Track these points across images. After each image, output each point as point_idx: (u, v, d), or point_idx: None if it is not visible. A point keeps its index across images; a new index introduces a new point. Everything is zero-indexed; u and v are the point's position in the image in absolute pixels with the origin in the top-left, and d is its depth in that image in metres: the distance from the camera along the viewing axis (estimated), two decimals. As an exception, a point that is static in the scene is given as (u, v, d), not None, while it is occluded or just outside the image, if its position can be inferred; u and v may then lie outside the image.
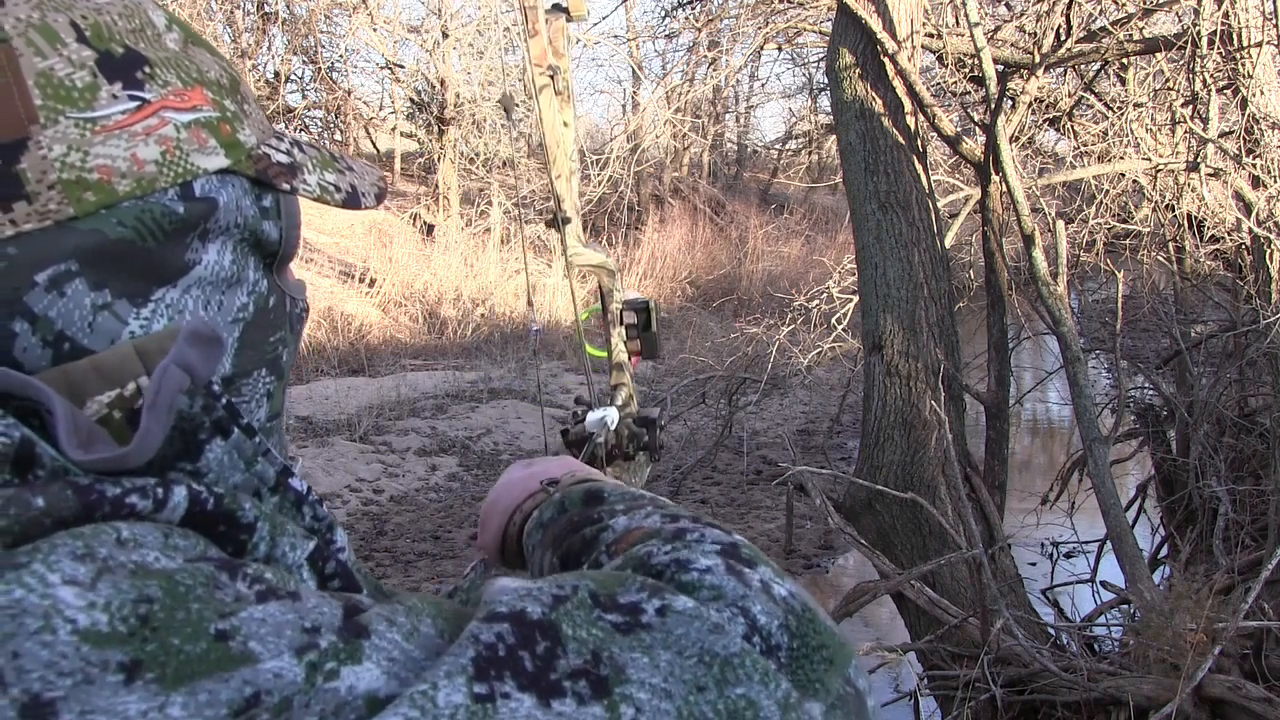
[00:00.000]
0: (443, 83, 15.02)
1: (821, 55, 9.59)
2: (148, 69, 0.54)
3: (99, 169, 0.51)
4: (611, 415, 1.15)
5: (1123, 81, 5.67)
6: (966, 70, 5.35)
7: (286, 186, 0.62)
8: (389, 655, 0.41)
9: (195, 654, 0.38)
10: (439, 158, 15.19)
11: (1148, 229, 5.71)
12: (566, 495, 0.71)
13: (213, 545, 0.47)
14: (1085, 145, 5.89)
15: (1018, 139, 5.46)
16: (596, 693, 0.41)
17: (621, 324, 1.21)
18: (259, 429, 0.64)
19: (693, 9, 10.81)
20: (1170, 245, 5.49)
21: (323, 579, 0.53)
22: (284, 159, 0.62)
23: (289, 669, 0.38)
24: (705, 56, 12.77)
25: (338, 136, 16.84)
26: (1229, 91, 4.73)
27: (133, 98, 0.53)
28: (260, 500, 0.55)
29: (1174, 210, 5.17)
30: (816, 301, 7.61)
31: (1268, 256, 4.44)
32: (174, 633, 0.38)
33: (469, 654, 0.41)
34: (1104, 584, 4.80)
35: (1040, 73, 4.70)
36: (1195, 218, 5.11)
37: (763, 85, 20.30)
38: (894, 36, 4.24)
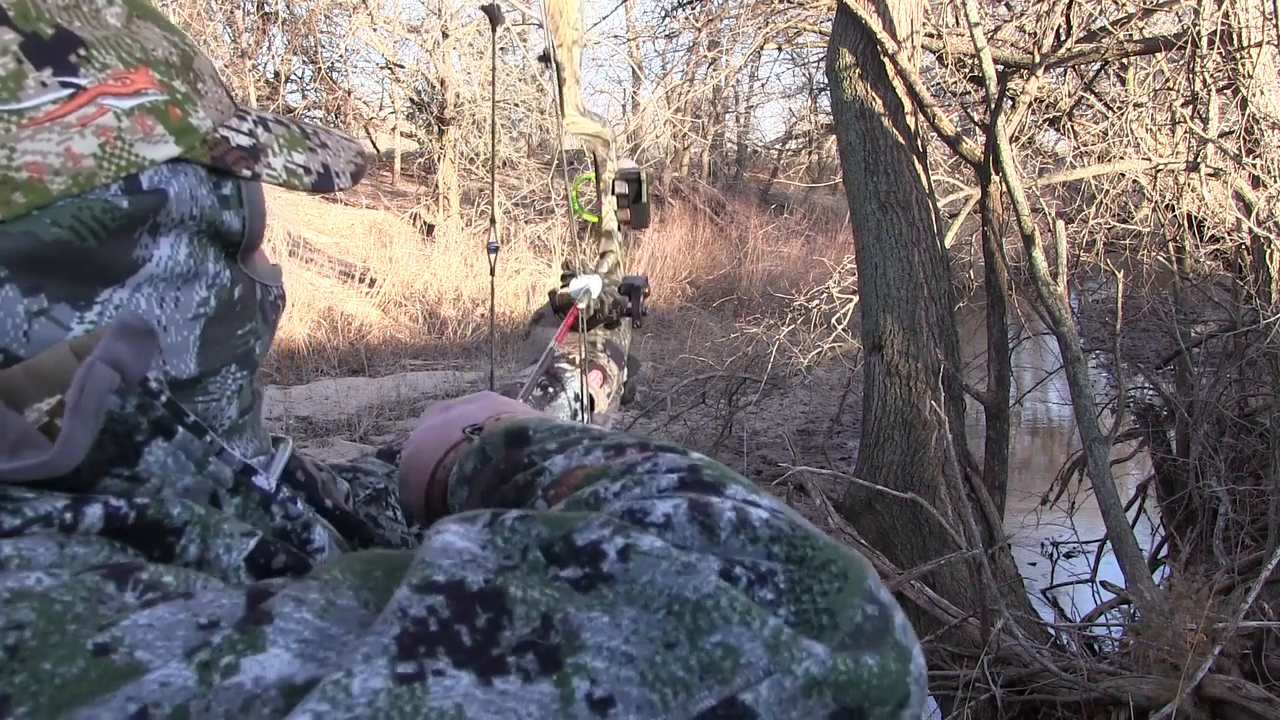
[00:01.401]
0: (443, 83, 15.01)
1: (821, 55, 9.60)
2: (83, 51, 0.49)
3: (28, 167, 0.46)
4: (595, 281, 1.16)
5: (1123, 81, 5.67)
6: (966, 70, 5.35)
7: (247, 173, 0.57)
8: (299, 637, 0.36)
9: (71, 676, 0.34)
10: (439, 158, 15.18)
11: (1148, 229, 5.71)
12: (487, 440, 0.62)
13: (120, 550, 0.44)
14: (1085, 145, 5.89)
15: (1018, 139, 5.46)
16: (545, 666, 0.36)
17: (613, 193, 1.21)
18: (230, 426, 0.60)
19: (693, 9, 10.81)
20: (1170, 245, 5.49)
21: (266, 574, 0.49)
22: (245, 141, 0.57)
23: (178, 674, 0.34)
24: (705, 56, 12.77)
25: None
26: (1229, 91, 4.72)
27: (65, 85, 0.48)
28: (220, 504, 0.51)
29: (1174, 210, 5.17)
30: (816, 301, 7.61)
31: (1268, 256, 4.44)
32: (46, 658, 0.35)
33: (392, 631, 0.36)
34: (1104, 584, 4.80)
35: (1040, 73, 4.70)
36: (1195, 218, 5.11)
37: (763, 85, 20.30)
38: (894, 36, 4.24)
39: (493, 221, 0.93)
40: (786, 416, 10.16)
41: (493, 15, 0.94)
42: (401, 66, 16.16)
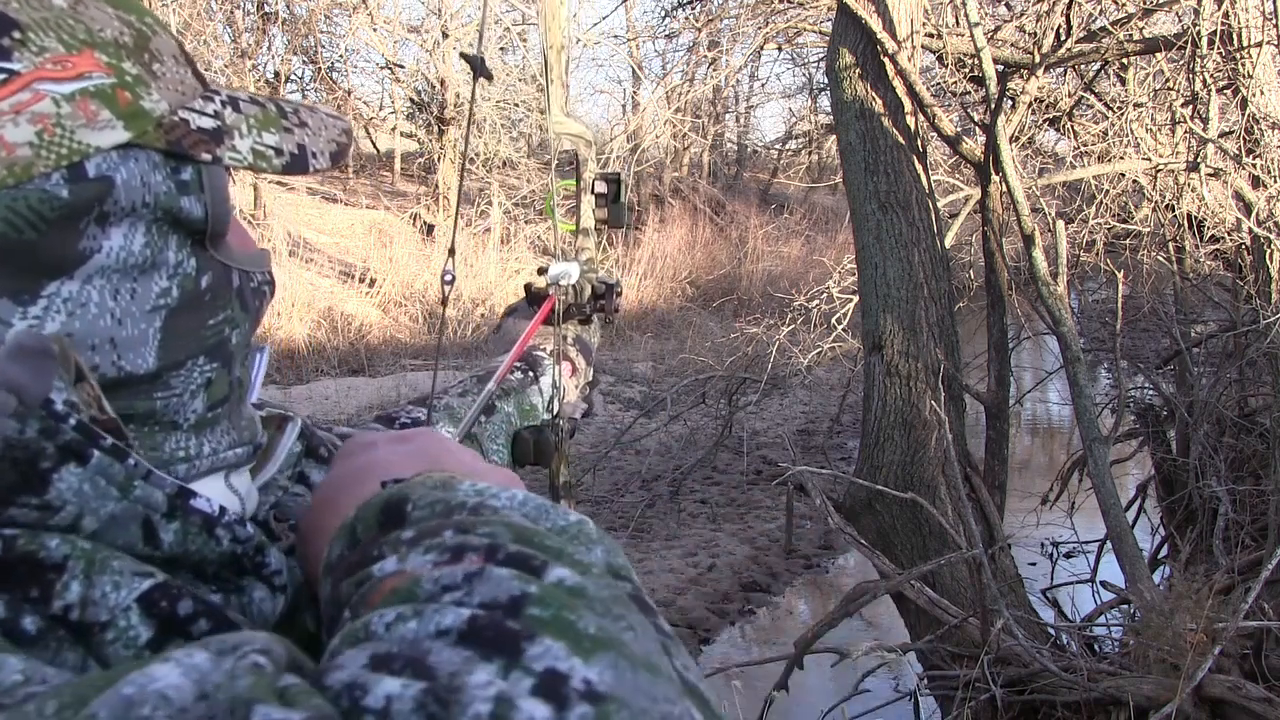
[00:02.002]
0: (443, 83, 15.01)
1: (821, 55, 9.60)
2: (17, 34, 0.47)
3: None
4: (574, 267, 1.18)
5: (1123, 81, 5.67)
6: (966, 70, 5.35)
7: (208, 156, 0.54)
8: None
9: None
10: (439, 158, 15.17)
11: (1148, 229, 5.71)
12: (359, 518, 0.50)
13: None
14: (1085, 145, 5.89)
15: (1018, 139, 5.46)
16: None
17: (593, 192, 1.24)
18: (196, 420, 0.57)
19: (693, 9, 10.81)
20: (1170, 245, 5.49)
21: (170, 622, 0.44)
22: (208, 123, 0.55)
23: None
24: (705, 56, 12.77)
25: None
26: (1229, 91, 4.72)
27: None
28: (155, 531, 0.48)
29: (1174, 210, 5.17)
30: (816, 301, 7.61)
31: (1268, 256, 4.44)
32: None
33: None
34: (1104, 584, 4.80)
35: (1040, 73, 4.70)
36: (1195, 218, 5.11)
37: (763, 85, 20.29)
38: (894, 36, 4.24)
39: (451, 252, 0.93)
40: (786, 416, 10.15)
41: (475, 66, 0.95)
42: (401, 66, 16.14)
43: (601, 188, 1.24)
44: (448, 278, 0.90)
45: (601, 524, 7.28)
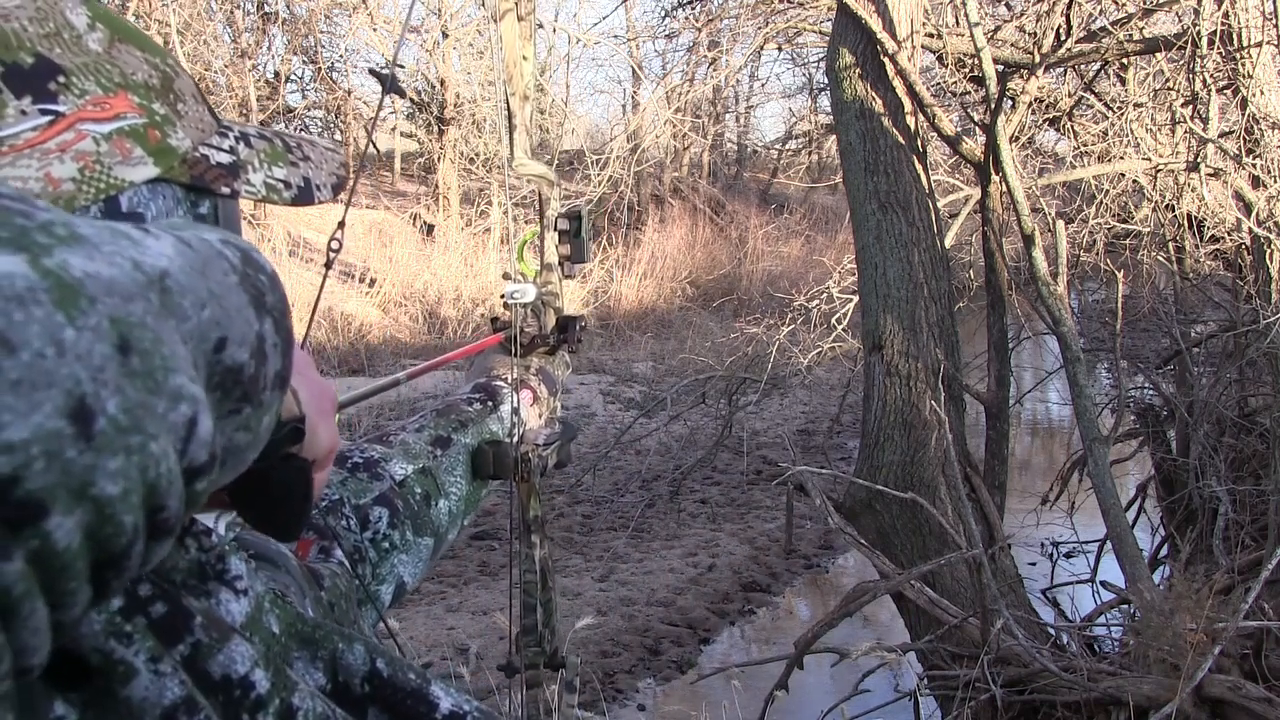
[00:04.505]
0: (443, 83, 15.01)
1: (821, 55, 9.59)
2: (62, 78, 0.50)
3: None
4: (531, 290, 1.18)
5: (1123, 81, 5.67)
6: (966, 70, 5.35)
7: (226, 190, 0.58)
8: None
9: None
10: (439, 158, 15.17)
11: (1148, 229, 5.71)
12: None
13: None
14: (1085, 145, 5.89)
15: (1018, 139, 5.46)
16: None
17: (555, 229, 1.26)
18: None
19: (693, 9, 10.80)
20: (1170, 245, 5.49)
21: (133, 598, 0.47)
22: (225, 159, 0.58)
23: None
24: (705, 56, 12.76)
25: (337, 136, 16.83)
26: (1229, 91, 4.73)
27: (45, 112, 0.49)
28: None
29: (1174, 210, 5.17)
30: (816, 301, 7.60)
31: (1268, 256, 4.44)
32: None
33: None
34: (1104, 584, 4.80)
35: (1040, 73, 4.70)
36: (1195, 218, 5.11)
37: (763, 85, 20.27)
38: (894, 36, 4.23)
39: (341, 225, 0.94)
40: (786, 416, 10.14)
41: (383, 81, 0.97)
42: (402, 66, 16.14)
43: (564, 224, 1.26)
44: (335, 245, 0.92)
45: (601, 524, 7.29)
